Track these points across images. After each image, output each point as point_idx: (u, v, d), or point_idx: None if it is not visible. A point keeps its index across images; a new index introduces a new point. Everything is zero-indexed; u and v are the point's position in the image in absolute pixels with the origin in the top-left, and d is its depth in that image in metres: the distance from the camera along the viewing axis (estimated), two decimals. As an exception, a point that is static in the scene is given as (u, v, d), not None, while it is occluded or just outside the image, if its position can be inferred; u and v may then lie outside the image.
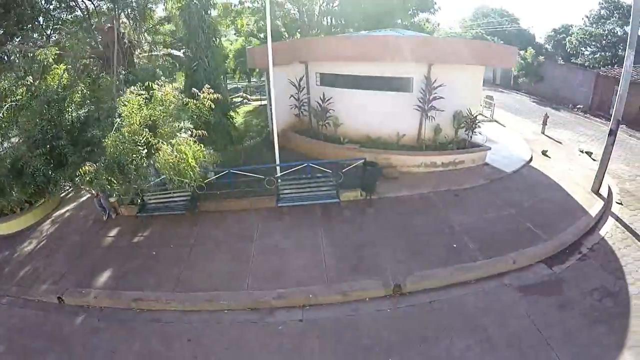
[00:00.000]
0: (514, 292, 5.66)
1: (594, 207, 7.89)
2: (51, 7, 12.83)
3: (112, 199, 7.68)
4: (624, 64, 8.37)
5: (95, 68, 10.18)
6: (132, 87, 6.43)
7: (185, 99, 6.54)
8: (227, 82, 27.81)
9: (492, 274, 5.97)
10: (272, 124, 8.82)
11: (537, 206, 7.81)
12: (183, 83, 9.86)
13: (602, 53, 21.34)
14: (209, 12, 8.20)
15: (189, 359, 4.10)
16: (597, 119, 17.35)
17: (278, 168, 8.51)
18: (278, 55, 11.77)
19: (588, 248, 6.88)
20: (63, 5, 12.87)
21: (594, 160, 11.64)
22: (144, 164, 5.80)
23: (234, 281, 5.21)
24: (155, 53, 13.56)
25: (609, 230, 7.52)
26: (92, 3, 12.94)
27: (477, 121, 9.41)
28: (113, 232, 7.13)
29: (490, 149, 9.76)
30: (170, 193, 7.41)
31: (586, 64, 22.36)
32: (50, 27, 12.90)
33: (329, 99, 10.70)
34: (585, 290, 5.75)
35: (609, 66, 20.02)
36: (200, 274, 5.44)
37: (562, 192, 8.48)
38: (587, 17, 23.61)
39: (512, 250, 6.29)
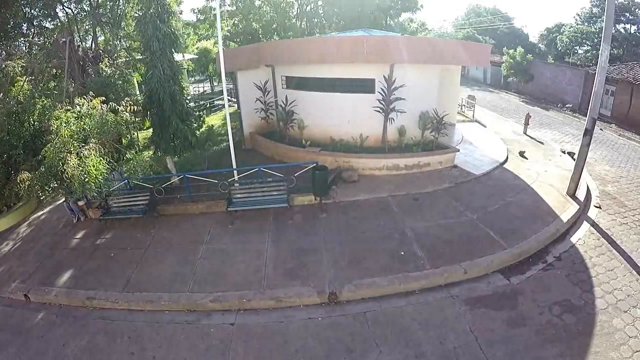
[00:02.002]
0: (460, 305, 5.14)
1: (567, 211, 7.24)
2: (35, 13, 13.05)
3: (80, 203, 7.91)
4: (599, 59, 7.79)
5: (55, 80, 10.59)
6: (78, 99, 7.07)
7: (107, 113, 6.98)
8: (215, 84, 27.97)
9: (440, 285, 5.47)
10: (228, 127, 8.75)
11: (502, 211, 7.21)
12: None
13: (594, 51, 20.70)
14: (165, 21, 8.37)
15: (125, 355, 4.36)
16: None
17: (235, 172, 8.47)
18: (245, 59, 11.95)
19: (555, 257, 6.24)
20: (45, 12, 13.07)
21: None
22: (78, 173, 6.07)
23: (177, 283, 5.35)
24: (127, 59, 13.61)
25: (581, 236, 6.87)
26: (72, 12, 13.34)
27: (443, 122, 8.88)
28: (79, 235, 7.37)
29: (458, 150, 9.26)
30: (130, 197, 7.53)
31: (578, 62, 21.73)
32: (32, 35, 13.14)
33: (292, 102, 10.54)
34: (543, 304, 5.16)
35: (601, 64, 19.36)
36: (149, 276, 5.61)
37: (533, 196, 7.85)
38: (578, 15, 23.11)
39: (465, 259, 5.75)
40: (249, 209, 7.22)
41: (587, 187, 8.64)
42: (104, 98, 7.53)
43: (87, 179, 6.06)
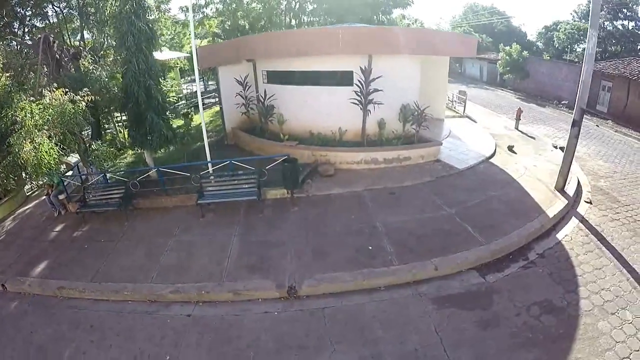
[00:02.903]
0: (427, 304, 4.74)
1: (554, 206, 6.77)
2: (26, 13, 13.18)
3: (61, 197, 8.08)
4: (587, 46, 7.38)
5: (32, 75, 10.76)
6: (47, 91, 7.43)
7: (66, 103, 7.22)
8: (209, 83, 27.92)
9: (408, 282, 5.06)
10: (202, 120, 8.69)
11: (484, 206, 6.77)
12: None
13: (592, 48, 20.29)
14: (140, 17, 8.44)
15: (85, 342, 4.47)
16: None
17: (210, 166, 8.35)
18: (225, 55, 11.75)
19: (538, 254, 5.76)
20: (34, 12, 13.19)
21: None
22: (31, 158, 6.37)
23: (142, 274, 5.43)
24: (115, 57, 13.68)
25: (569, 232, 6.39)
26: (61, 11, 13.46)
27: (425, 115, 8.46)
28: (58, 228, 7.52)
29: (441, 144, 8.85)
30: (106, 191, 7.72)
31: (576, 60, 21.29)
32: (23, 34, 13.28)
33: (271, 96, 10.28)
34: (521, 305, 4.70)
35: (597, 61, 18.87)
36: (117, 267, 5.75)
37: (518, 190, 7.39)
38: (575, 12, 22.71)
39: (437, 255, 5.32)
40: (222, 203, 7.04)
41: (578, 181, 8.14)
42: (66, 90, 7.56)
43: (39, 164, 6.38)
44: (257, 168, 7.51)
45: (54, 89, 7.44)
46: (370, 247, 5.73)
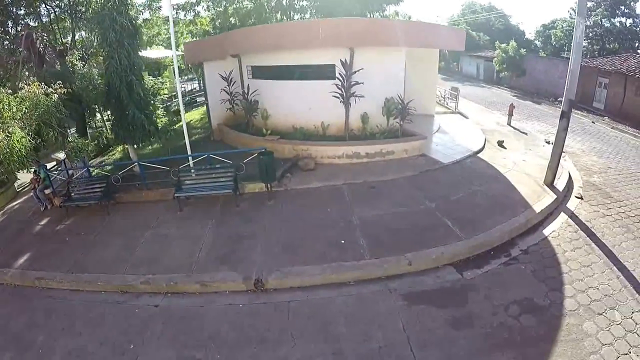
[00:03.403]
0: (397, 300, 4.48)
1: (542, 201, 6.42)
2: (19, 12, 13.32)
3: (47, 191, 8.20)
4: (574, 34, 7.06)
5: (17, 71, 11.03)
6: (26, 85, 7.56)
7: (40, 96, 7.35)
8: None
9: (379, 277, 4.81)
10: (182, 117, 8.73)
11: (466, 200, 6.45)
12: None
13: (590, 46, 19.95)
14: (122, 13, 8.55)
15: (57, 330, 4.55)
16: (577, 112, 15.70)
17: (191, 160, 8.35)
18: (211, 51, 11.67)
19: (521, 250, 5.41)
20: (27, 11, 13.34)
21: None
22: (2, 146, 6.56)
23: (116, 266, 5.51)
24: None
25: (556, 228, 6.04)
26: (54, 10, 13.61)
27: (409, 108, 8.17)
28: (43, 222, 7.65)
29: (425, 138, 8.53)
30: (88, 185, 7.86)
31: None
32: (17, 32, 13.48)
33: (254, 91, 10.15)
34: (498, 303, 4.38)
35: (594, 58, 18.54)
36: (93, 259, 5.84)
37: (505, 185, 7.06)
38: (572, 9, 22.34)
39: (412, 250, 5.01)
40: (201, 197, 7.07)
41: (569, 177, 7.81)
42: (44, 84, 7.73)
43: (10, 152, 6.60)
44: (235, 162, 7.43)
45: (31, 83, 7.57)
46: (342, 241, 5.49)
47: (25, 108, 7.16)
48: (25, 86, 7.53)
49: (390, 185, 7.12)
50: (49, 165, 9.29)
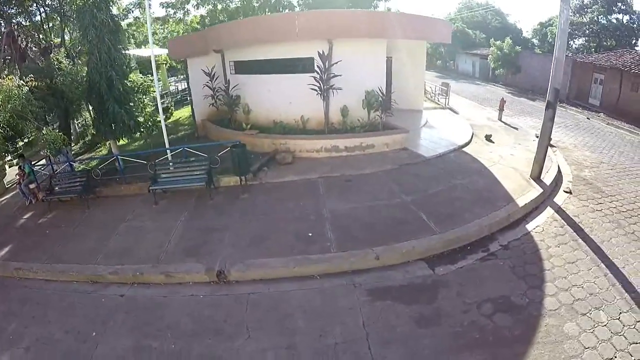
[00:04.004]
0: (361, 295, 4.26)
1: (526, 195, 6.06)
2: (11, 12, 13.37)
3: (32, 186, 8.31)
4: (559, 21, 6.78)
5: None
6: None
7: (11, 89, 7.28)
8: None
9: (345, 271, 4.65)
10: (160, 111, 8.67)
11: (446, 194, 6.12)
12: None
13: (586, 43, 19.62)
14: (102, 9, 8.60)
15: (28, 318, 4.65)
16: (573, 108, 15.36)
17: (169, 153, 8.33)
18: (194, 46, 11.53)
19: (501, 245, 5.05)
20: (19, 11, 13.41)
21: (552, 146, 9.81)
22: None
23: (89, 256, 5.58)
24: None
25: (541, 223, 5.66)
26: (44, 10, 13.68)
27: (391, 101, 7.85)
28: (27, 215, 7.78)
29: (408, 131, 8.19)
30: (69, 179, 7.97)
31: (569, 54, 20.61)
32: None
33: (235, 86, 10.05)
34: (471, 301, 4.04)
35: (591, 54, 18.21)
36: (70, 250, 5.92)
37: (488, 179, 6.72)
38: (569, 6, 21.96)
39: (381, 244, 4.72)
40: (177, 190, 7.13)
41: (559, 170, 7.46)
42: (15, 77, 7.87)
43: None
44: (211, 156, 7.41)
45: (5, 77, 7.65)
46: (310, 234, 5.27)
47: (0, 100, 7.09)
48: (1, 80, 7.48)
49: (367, 178, 6.81)
50: (43, 162, 9.61)
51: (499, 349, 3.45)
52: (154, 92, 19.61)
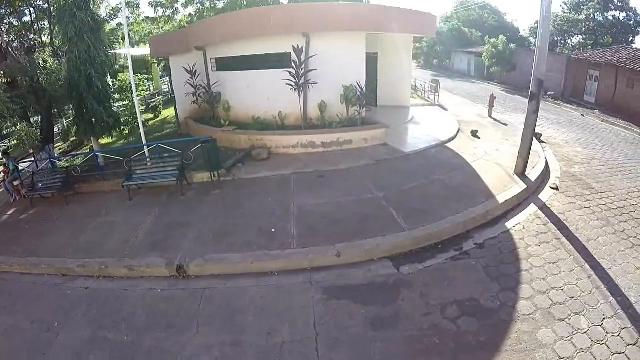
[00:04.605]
0: (317, 293, 4.08)
1: (508, 191, 5.68)
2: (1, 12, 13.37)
3: (15, 183, 8.38)
4: (540, 7, 6.36)
5: None
6: None
7: None
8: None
9: (305, 268, 4.43)
10: (137, 109, 8.71)
11: (421, 190, 5.78)
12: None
13: (583, 41, 19.27)
14: (82, 8, 8.61)
15: None
16: (567, 105, 14.97)
17: (146, 148, 8.36)
18: (175, 44, 11.25)
19: (476, 244, 4.68)
20: (9, 12, 13.41)
21: (542, 142, 9.46)
22: None
23: (61, 250, 5.64)
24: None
25: (522, 220, 5.29)
26: (35, 12, 13.80)
27: (371, 96, 7.55)
28: (10, 212, 7.91)
29: (388, 127, 7.87)
30: (50, 176, 8.03)
31: (565, 52, 20.29)
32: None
33: (215, 83, 9.89)
34: (435, 303, 3.71)
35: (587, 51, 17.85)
36: (45, 244, 6.00)
37: (469, 174, 6.37)
38: (565, 3, 21.78)
39: (345, 241, 4.44)
40: (152, 187, 7.15)
41: (546, 166, 7.09)
42: None
43: None
44: (184, 152, 7.35)
45: None
46: (273, 230, 5.07)
47: None
48: None
49: (341, 174, 6.51)
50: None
51: (460, 356, 3.13)
52: (143, 90, 19.63)
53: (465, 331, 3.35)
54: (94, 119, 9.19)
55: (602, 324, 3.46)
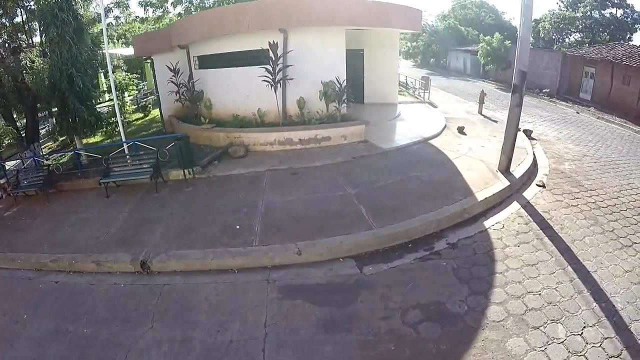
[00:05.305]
0: (273, 292, 3.95)
1: (489, 189, 5.36)
2: None
3: (1, 181, 8.49)
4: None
5: None
6: None
7: None
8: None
9: (265, 266, 4.30)
10: (117, 108, 8.65)
11: (395, 187, 5.48)
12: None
13: (580, 39, 18.93)
14: (64, 9, 8.74)
15: None
16: (563, 103, 14.59)
17: (125, 146, 8.40)
18: (158, 43, 11.23)
19: (449, 243, 4.37)
20: (1, 12, 13.44)
21: (532, 139, 9.12)
22: None
23: (37, 245, 5.72)
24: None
25: (502, 219, 4.96)
26: (25, 13, 13.82)
27: (345, 91, 7.30)
28: None
29: (367, 123, 7.62)
30: (33, 174, 8.13)
31: (562, 50, 19.94)
32: None
33: (196, 80, 9.78)
34: (396, 306, 3.43)
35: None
36: (23, 240, 6.08)
37: (449, 171, 6.07)
38: (561, 1, 21.42)
39: (308, 239, 4.23)
40: (129, 184, 7.21)
41: (534, 163, 6.78)
42: None
43: None
44: (160, 149, 7.36)
45: None
46: (238, 227, 4.94)
47: None
48: None
49: (315, 171, 6.27)
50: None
51: (415, 367, 2.82)
52: (133, 90, 19.45)
53: (425, 338, 3.05)
54: (77, 118, 9.20)
55: (582, 332, 3.13)
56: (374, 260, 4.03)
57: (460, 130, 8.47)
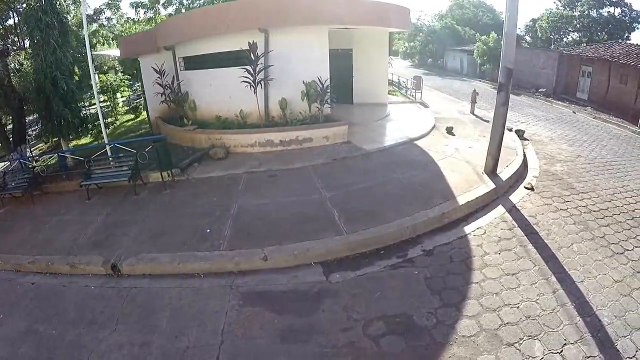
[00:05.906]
0: (234, 299, 3.85)
1: (473, 192, 5.11)
2: None
3: None
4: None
5: None
6: None
7: None
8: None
9: (231, 271, 4.22)
10: (100, 115, 8.59)
11: (373, 190, 5.26)
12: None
13: (578, 38, 18.64)
14: (48, 12, 8.74)
15: None
16: (559, 102, 14.30)
17: (108, 147, 8.36)
18: (144, 44, 11.14)
19: (424, 250, 4.13)
20: None
21: (524, 139, 8.86)
22: None
23: (18, 247, 5.76)
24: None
25: (484, 224, 4.70)
26: (18, 16, 14.01)
27: (329, 91, 7.12)
28: None
29: (349, 123, 7.36)
30: (19, 176, 8.22)
31: (559, 48, 19.69)
32: None
33: (181, 81, 9.67)
34: (359, 317, 3.22)
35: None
36: (5, 241, 6.09)
37: (432, 173, 5.83)
38: (559, -1, 21.19)
39: (276, 243, 4.09)
40: (110, 186, 7.22)
41: (524, 164, 6.52)
42: None
43: None
44: (138, 151, 7.30)
45: None
46: (208, 230, 4.87)
47: None
48: None
49: (293, 173, 6.07)
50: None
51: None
52: (125, 90, 19.35)
53: (386, 352, 2.84)
54: (62, 120, 9.20)
55: (561, 351, 2.88)
56: (342, 267, 3.83)
57: (449, 130, 8.22)
